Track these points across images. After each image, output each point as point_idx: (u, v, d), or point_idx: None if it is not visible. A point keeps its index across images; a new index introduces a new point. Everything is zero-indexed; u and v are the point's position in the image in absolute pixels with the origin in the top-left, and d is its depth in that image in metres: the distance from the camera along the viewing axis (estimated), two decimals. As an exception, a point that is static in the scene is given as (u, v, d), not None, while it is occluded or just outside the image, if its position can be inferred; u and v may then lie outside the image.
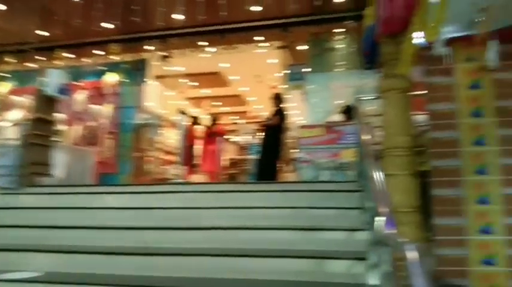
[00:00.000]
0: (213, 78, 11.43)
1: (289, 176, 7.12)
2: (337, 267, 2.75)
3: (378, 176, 2.43)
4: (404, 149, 3.84)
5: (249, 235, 3.35)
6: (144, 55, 9.03)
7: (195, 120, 8.02)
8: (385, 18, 3.36)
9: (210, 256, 3.00)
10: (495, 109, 3.98)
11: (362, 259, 2.62)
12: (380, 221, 1.94)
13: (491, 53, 3.74)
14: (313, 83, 7.90)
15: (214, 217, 3.74)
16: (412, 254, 1.17)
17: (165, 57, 9.14)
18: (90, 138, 8.78)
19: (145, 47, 8.78)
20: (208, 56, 9.06)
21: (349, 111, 5.97)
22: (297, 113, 8.79)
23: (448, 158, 4.02)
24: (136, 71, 8.98)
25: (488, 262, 3.80)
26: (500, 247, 3.78)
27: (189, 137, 8.38)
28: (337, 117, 6.63)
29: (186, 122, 8.39)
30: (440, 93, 4.10)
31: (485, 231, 3.86)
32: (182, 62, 9.64)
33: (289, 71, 8.29)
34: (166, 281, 2.80)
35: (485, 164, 3.95)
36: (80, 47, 8.91)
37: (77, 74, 8.92)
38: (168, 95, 11.69)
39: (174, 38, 8.36)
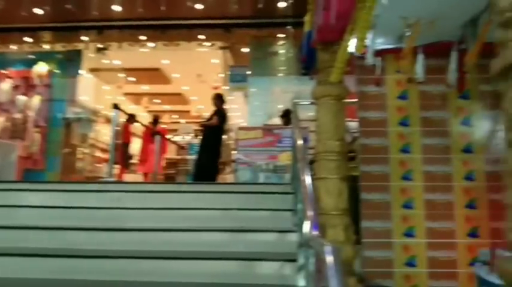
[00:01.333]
0: (153, 74, 11.09)
1: (228, 178, 7.09)
2: (267, 269, 2.76)
3: (307, 179, 2.47)
4: (336, 154, 3.96)
5: (179, 237, 3.26)
6: (79, 46, 8.54)
7: (132, 118, 7.72)
8: (320, 26, 3.44)
9: (136, 258, 2.88)
10: (420, 119, 4.24)
11: (292, 260, 2.65)
12: (306, 223, 1.97)
13: (418, 67, 3.96)
14: (254, 86, 7.95)
15: (143, 218, 3.60)
16: (329, 257, 1.18)
17: (101, 49, 8.71)
18: (15, 131, 8.12)
19: (81, 38, 8.31)
20: (148, 51, 8.77)
21: (287, 116, 6.07)
22: (238, 115, 8.80)
23: (376, 164, 4.20)
24: (69, 62, 8.47)
25: (410, 264, 4.03)
26: (421, 249, 4.02)
27: (123, 135, 8.04)
28: (277, 121, 6.72)
29: (120, 118, 8.05)
30: (371, 102, 4.29)
31: (409, 234, 4.08)
32: (120, 55, 9.26)
33: (231, 73, 8.28)
34: (90, 286, 2.64)
35: (410, 170, 4.19)
36: (6, 32, 8.22)
37: (2, 61, 8.22)
38: (104, 90, 11.16)
39: (112, 30, 8.00)
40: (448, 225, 4.03)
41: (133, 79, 11.62)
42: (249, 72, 7.95)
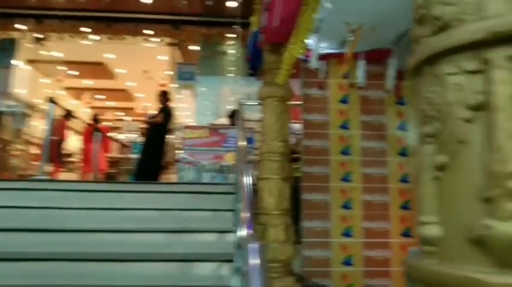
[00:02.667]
0: (97, 69, 10.61)
1: (171, 177, 6.93)
2: (204, 270, 2.71)
3: (245, 180, 2.47)
4: (279, 155, 4.00)
5: (117, 238, 3.12)
6: (14, 34, 7.96)
7: (69, 114, 7.32)
8: (265, 27, 3.46)
9: (71, 260, 2.72)
10: (360, 123, 4.38)
11: (229, 261, 2.63)
12: (242, 224, 1.96)
13: (360, 72, 4.09)
14: (203, 85, 7.86)
15: (78, 219, 3.41)
16: (253, 255, 1.17)
17: (39, 39, 8.18)
18: None
19: (16, 26, 7.75)
20: (91, 44, 8.37)
21: (234, 116, 6.05)
22: (186, 113, 8.65)
23: (318, 165, 4.29)
24: (2, 52, 7.87)
25: (347, 263, 4.14)
26: (358, 249, 4.15)
27: (59, 131, 7.61)
28: (224, 121, 6.68)
29: (56, 113, 7.61)
30: (314, 105, 4.37)
31: (347, 234, 4.20)
32: (60, 47, 8.75)
33: (178, 70, 8.12)
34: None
35: (349, 172, 4.32)
36: None
37: None
38: (42, 83, 10.50)
39: (52, 20, 7.54)
40: (384, 225, 4.19)
41: (75, 73, 11.05)
42: (198, 71, 7.84)
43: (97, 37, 8.11)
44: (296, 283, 3.74)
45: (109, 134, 8.93)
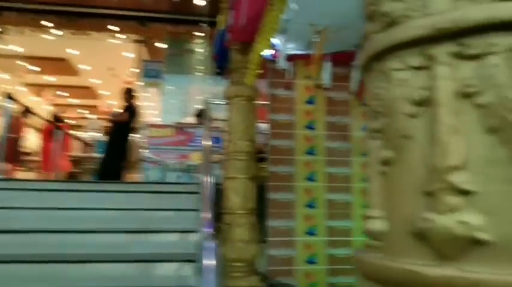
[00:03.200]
0: (59, 64, 10.24)
1: (136, 177, 6.78)
2: (166, 270, 2.67)
3: (207, 180, 2.46)
4: (246, 154, 4.00)
5: (77, 239, 3.03)
6: (-32, 26, 7.57)
7: (27, 110, 7.01)
8: (232, 26, 3.44)
9: (30, 262, 2.60)
10: (325, 124, 4.45)
11: (192, 261, 2.59)
12: (203, 224, 1.94)
13: (326, 73, 4.15)
14: (169, 83, 7.75)
15: (35, 219, 3.27)
16: (208, 257, 1.16)
17: (-3, 32, 7.81)
18: None
19: (-29, 17, 7.37)
20: (54, 39, 8.07)
21: (202, 115, 5.99)
22: (152, 112, 8.49)
23: (283, 164, 4.32)
24: (-47, 44, 7.46)
25: (311, 261, 4.19)
26: (322, 247, 4.21)
27: (17, 128, 7.27)
28: (191, 120, 6.61)
29: (13, 109, 7.27)
30: (281, 105, 4.40)
31: (311, 233, 4.25)
32: (20, 41, 8.38)
33: (144, 68, 7.96)
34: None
35: (314, 171, 4.37)
36: None
37: None
38: (1, 78, 10.03)
39: (11, 12, 7.21)
40: (347, 224, 4.27)
41: (36, 69, 10.62)
42: (164, 69, 7.72)
43: (60, 32, 7.82)
44: (260, 282, 3.74)
45: (71, 132, 8.64)
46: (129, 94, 6.26)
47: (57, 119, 7.82)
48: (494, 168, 0.59)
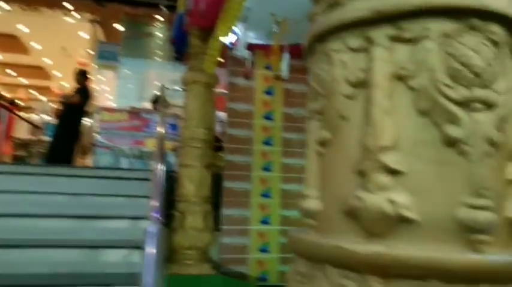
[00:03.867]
0: (8, 41, 9.61)
1: (87, 162, 6.53)
2: (114, 256, 2.60)
3: (158, 167, 2.42)
4: (202, 142, 3.96)
5: (22, 223, 2.88)
6: None
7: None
8: (191, 10, 3.37)
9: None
10: (282, 115, 4.49)
11: (140, 247, 2.54)
12: (150, 211, 1.91)
13: (284, 65, 4.17)
14: (126, 67, 7.50)
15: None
16: (150, 246, 1.14)
17: None
18: None
19: None
20: (2, 14, 7.55)
21: (158, 101, 5.86)
22: (106, 96, 8.19)
23: (240, 154, 4.31)
24: None
25: (264, 250, 4.24)
26: (275, 236, 4.26)
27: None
28: (147, 106, 6.44)
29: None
30: (239, 94, 4.38)
31: (265, 221, 4.29)
32: (-37, 14, 7.79)
33: (100, 49, 7.64)
34: None
35: (271, 162, 4.41)
36: None
37: None
38: None
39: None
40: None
41: (-18, 44, 9.93)
42: (121, 51, 7.45)
43: (7, 7, 7.33)
44: (212, 269, 3.74)
45: (20, 114, 8.17)
46: (82, 76, 5.99)
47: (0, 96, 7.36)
48: (423, 149, 0.61)
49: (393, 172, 0.61)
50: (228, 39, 4.00)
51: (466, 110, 0.60)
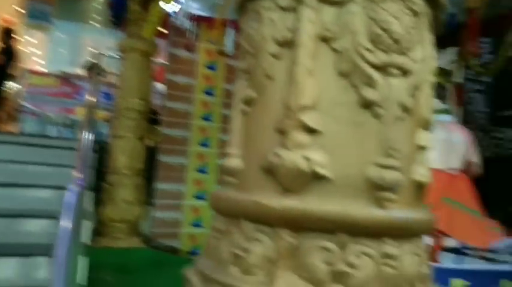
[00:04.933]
0: None
1: (10, 128, 6.04)
2: (34, 226, 2.45)
3: (84, 137, 2.31)
4: (137, 113, 3.82)
5: None
6: None
7: None
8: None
9: None
10: (223, 91, 4.45)
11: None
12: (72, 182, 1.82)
13: (228, 40, 4.10)
14: (59, 30, 6.96)
15: None
16: (65, 218, 1.08)
17: None
18: None
19: None
20: None
21: (92, 68, 5.52)
22: (35, 59, 7.56)
23: (178, 128, 4.23)
24: None
25: (197, 225, 4.24)
26: (209, 212, 4.27)
27: None
28: (80, 72, 6.05)
29: None
30: (180, 66, 4.26)
31: (200, 197, 4.28)
32: None
33: (30, 7, 6.99)
34: None
35: (208, 137, 4.38)
36: None
37: None
38: None
39: None
40: (235, 190, 4.39)
41: None
42: (53, 13, 6.88)
43: None
44: (142, 243, 3.68)
45: None
46: (7, 34, 5.48)
47: None
48: (341, 110, 0.63)
49: (311, 131, 0.62)
50: (170, 7, 3.86)
51: (383, 74, 0.63)
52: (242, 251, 0.62)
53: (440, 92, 2.40)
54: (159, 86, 4.76)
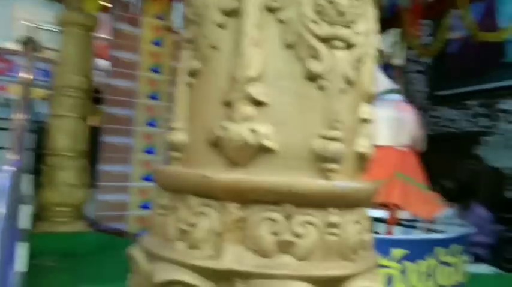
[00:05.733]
0: None
1: None
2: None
3: (18, 117, 2.16)
4: (78, 91, 3.63)
5: None
6: None
7: None
8: None
9: None
10: (170, 68, 4.32)
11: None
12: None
13: (177, 15, 3.97)
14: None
15: None
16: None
17: None
18: None
19: None
20: None
21: (28, 42, 5.13)
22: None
23: (123, 107, 4.08)
24: None
25: (145, 206, 4.15)
26: (157, 193, 4.20)
27: None
28: (14, 47, 5.60)
29: None
30: (124, 42, 4.08)
31: (147, 178, 4.19)
32: None
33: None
34: None
35: (156, 117, 4.26)
36: None
37: None
38: None
39: None
40: (185, 170, 4.34)
41: None
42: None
43: None
44: (87, 227, 3.55)
45: None
46: None
47: None
48: (286, 82, 0.63)
49: (258, 103, 0.61)
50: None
51: (327, 46, 0.63)
52: (189, 226, 0.61)
53: (388, 72, 2.50)
54: (102, 63, 4.53)
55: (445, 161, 3.80)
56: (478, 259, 3.29)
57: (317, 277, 0.59)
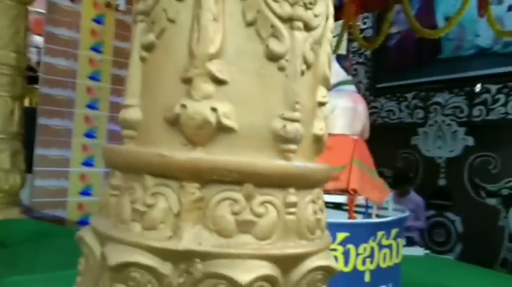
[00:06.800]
0: None
1: None
2: None
3: None
4: (11, 68, 3.35)
5: None
6: None
7: None
8: None
9: None
10: (113, 48, 4.13)
11: None
12: None
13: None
14: None
15: None
16: None
17: None
18: None
19: None
20: None
21: None
22: None
23: (60, 87, 3.85)
24: None
25: (86, 193, 3.98)
26: (99, 178, 4.03)
27: None
28: None
29: None
30: (62, 18, 3.82)
31: (88, 163, 4.00)
32: None
33: None
34: None
35: (97, 99, 4.06)
36: None
37: None
38: None
39: None
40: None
41: None
42: None
43: None
44: (22, 214, 3.33)
45: None
46: None
47: None
48: (247, 60, 0.62)
49: (218, 81, 0.60)
50: None
51: (288, 27, 0.63)
52: (145, 207, 0.59)
53: (340, 63, 2.59)
54: (37, 39, 4.22)
55: (384, 150, 4.01)
56: (410, 242, 3.55)
57: (277, 256, 0.60)
